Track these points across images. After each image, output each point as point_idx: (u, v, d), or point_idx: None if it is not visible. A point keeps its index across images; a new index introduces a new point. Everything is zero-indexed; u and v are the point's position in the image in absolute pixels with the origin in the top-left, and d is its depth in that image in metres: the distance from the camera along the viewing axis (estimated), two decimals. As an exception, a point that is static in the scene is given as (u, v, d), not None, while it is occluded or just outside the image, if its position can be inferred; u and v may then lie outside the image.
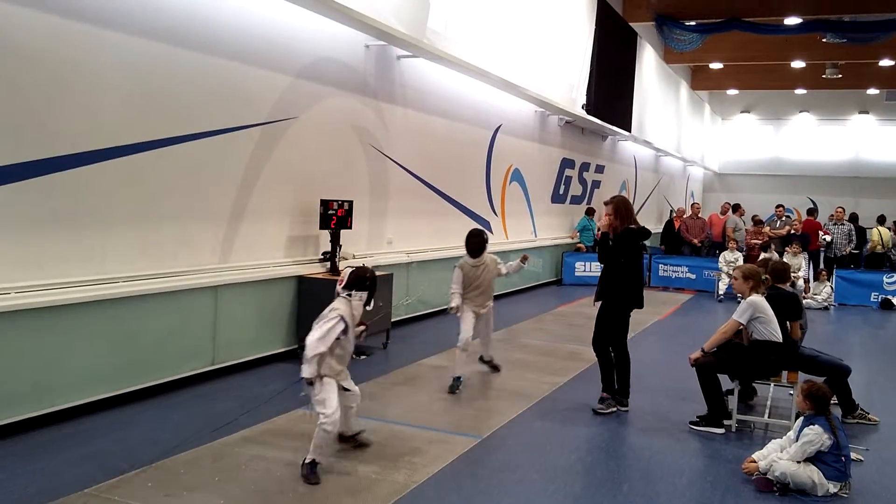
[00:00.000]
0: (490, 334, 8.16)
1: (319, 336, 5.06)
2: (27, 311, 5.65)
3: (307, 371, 5.04)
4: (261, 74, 7.92)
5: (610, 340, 7.10)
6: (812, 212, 19.37)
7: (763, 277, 6.96)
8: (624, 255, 6.92)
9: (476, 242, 7.73)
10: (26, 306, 5.63)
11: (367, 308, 5.42)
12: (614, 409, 6.98)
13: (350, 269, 5.44)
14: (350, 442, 5.65)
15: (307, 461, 5.07)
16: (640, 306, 7.03)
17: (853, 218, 18.67)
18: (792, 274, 14.23)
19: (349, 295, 5.32)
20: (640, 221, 7.12)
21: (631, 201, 7.34)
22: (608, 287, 7.01)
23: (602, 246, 7.13)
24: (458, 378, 7.52)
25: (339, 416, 5.14)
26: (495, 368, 8.26)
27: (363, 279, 5.37)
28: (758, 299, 6.60)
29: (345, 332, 5.18)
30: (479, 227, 7.91)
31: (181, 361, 7.12)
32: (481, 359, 8.23)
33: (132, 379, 6.60)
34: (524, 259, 7.97)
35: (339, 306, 5.25)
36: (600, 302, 7.11)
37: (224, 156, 7.54)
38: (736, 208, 19.07)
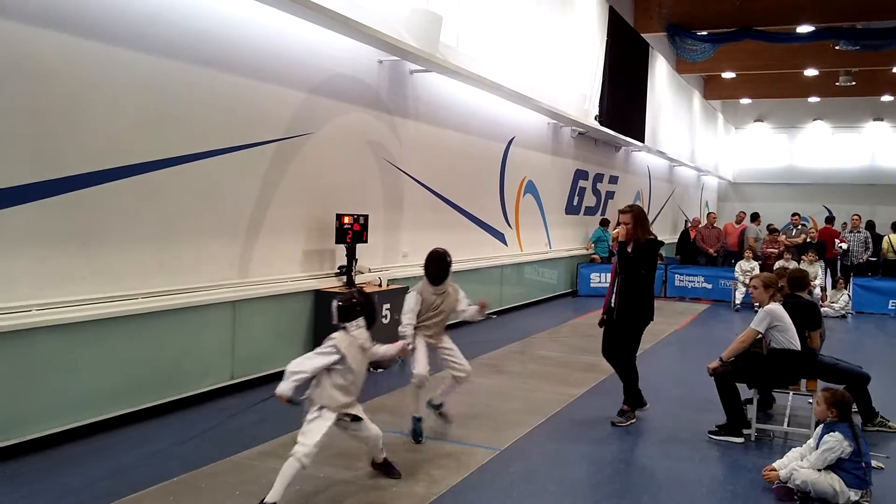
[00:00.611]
0: (465, 363, 6.53)
1: (306, 356, 4.89)
2: (48, 328, 5.72)
3: (280, 387, 4.74)
4: (275, 91, 8.01)
5: (621, 354, 7.01)
6: (830, 220, 19.27)
7: (780, 286, 6.96)
8: (644, 267, 6.84)
9: (439, 269, 6.33)
10: (48, 323, 5.70)
11: (371, 328, 5.10)
12: (633, 420, 6.96)
13: (335, 303, 5.08)
14: (380, 469, 5.42)
15: (268, 502, 4.60)
16: (652, 318, 6.97)
17: (870, 226, 18.56)
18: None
19: (345, 328, 5.05)
20: (654, 231, 7.11)
21: (645, 211, 7.24)
22: (626, 300, 6.84)
23: (622, 257, 6.91)
24: (419, 419, 6.32)
25: (315, 451, 4.76)
26: (443, 416, 6.65)
27: (351, 308, 5.04)
28: (775, 307, 6.59)
29: (341, 362, 4.90)
30: (443, 249, 6.48)
31: (200, 376, 7.18)
32: (430, 403, 6.58)
33: (152, 394, 6.66)
34: (482, 308, 6.50)
35: (336, 335, 5.00)
36: (613, 314, 6.93)
37: (240, 172, 7.62)
38: (754, 217, 19.00)
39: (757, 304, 6.86)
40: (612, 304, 6.95)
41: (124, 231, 6.40)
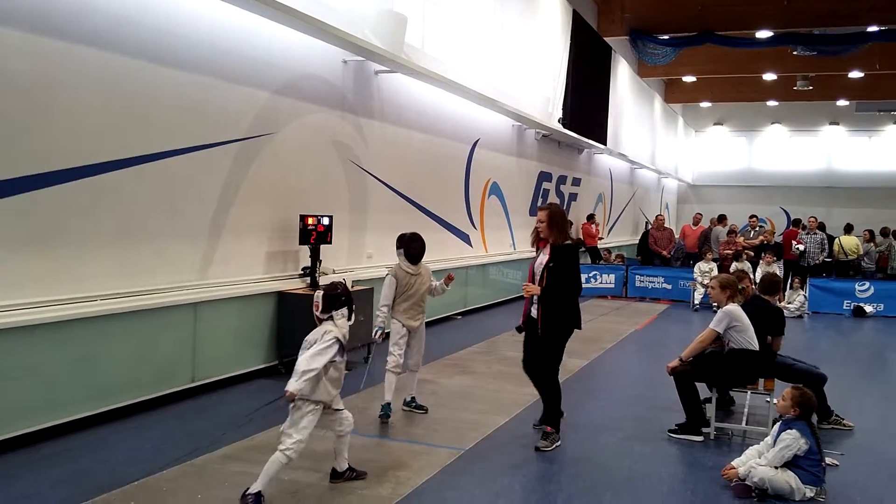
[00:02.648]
0: (421, 352, 7.17)
1: (314, 353, 4.88)
2: (4, 330, 5.60)
3: (293, 386, 4.79)
4: (238, 90, 7.94)
5: (542, 368, 6.41)
6: (795, 223, 19.64)
7: (741, 287, 7.07)
8: (561, 274, 6.16)
9: (419, 246, 6.96)
10: (3, 326, 5.58)
11: (350, 322, 5.19)
12: (559, 443, 6.29)
13: (321, 293, 5.14)
14: (341, 479, 5.31)
15: (252, 491, 4.75)
16: (580, 327, 6.41)
17: (821, 227, 18.99)
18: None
19: (331, 318, 5.10)
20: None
21: (564, 211, 6.60)
22: (547, 308, 6.20)
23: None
24: (388, 404, 6.84)
25: (303, 447, 4.92)
26: (420, 408, 7.18)
27: (336, 297, 5.12)
28: (733, 308, 6.70)
29: (341, 354, 5.00)
30: (417, 232, 7.09)
31: (161, 379, 7.08)
32: (405, 402, 7.20)
33: (111, 398, 6.55)
34: (448, 280, 7.10)
35: (331, 328, 5.03)
36: (536, 325, 6.27)
37: (202, 172, 7.53)
38: (721, 219, 19.30)
39: (715, 304, 6.97)
40: (534, 314, 6.33)
41: (83, 232, 6.30)
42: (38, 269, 5.94)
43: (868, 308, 15.58)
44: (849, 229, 18.81)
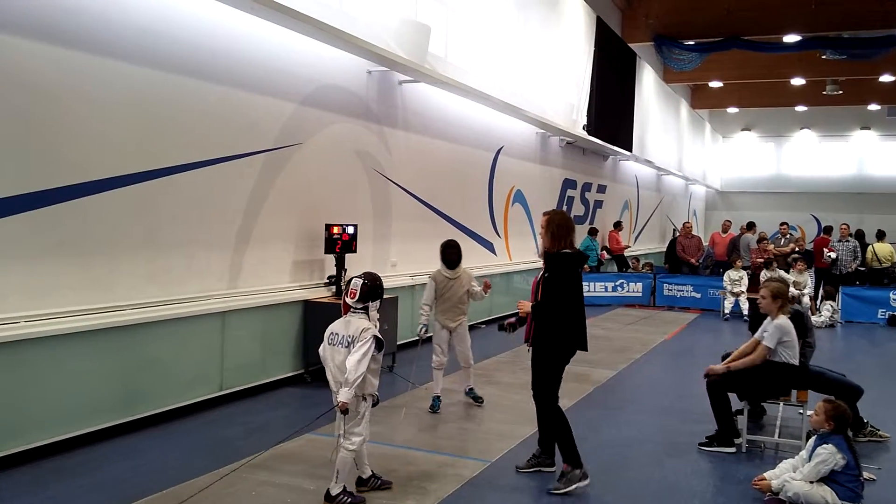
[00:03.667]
0: (468, 351, 7.68)
1: (359, 358, 4.88)
2: (37, 339, 5.66)
3: (345, 395, 4.83)
4: (265, 102, 7.99)
5: (538, 393, 5.79)
6: (828, 230, 19.33)
7: (790, 297, 6.91)
8: (553, 285, 5.56)
9: (454, 253, 7.54)
10: (36, 335, 5.65)
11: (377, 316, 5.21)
12: (583, 483, 5.52)
13: (359, 281, 5.12)
14: (366, 487, 5.31)
15: (337, 492, 4.98)
16: (585, 348, 5.71)
17: (859, 234, 18.65)
18: (797, 291, 14.30)
19: (365, 308, 5.12)
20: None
21: (568, 218, 5.87)
22: (539, 324, 5.65)
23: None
24: (437, 397, 7.52)
25: (365, 440, 5.13)
26: (478, 399, 7.76)
27: (377, 288, 5.16)
28: (785, 323, 6.52)
29: (377, 348, 5.01)
30: (454, 239, 7.78)
31: (189, 388, 7.13)
32: (465, 392, 7.88)
33: (141, 406, 6.61)
34: (486, 287, 7.55)
35: (367, 325, 5.03)
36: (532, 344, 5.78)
37: (230, 183, 7.58)
38: (750, 226, 19.07)
39: (766, 313, 6.75)
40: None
41: (114, 242, 6.36)
42: (69, 278, 6.01)
43: (904, 317, 15.27)
44: (881, 236, 18.47)
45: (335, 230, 8.67)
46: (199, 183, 7.18)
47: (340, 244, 8.74)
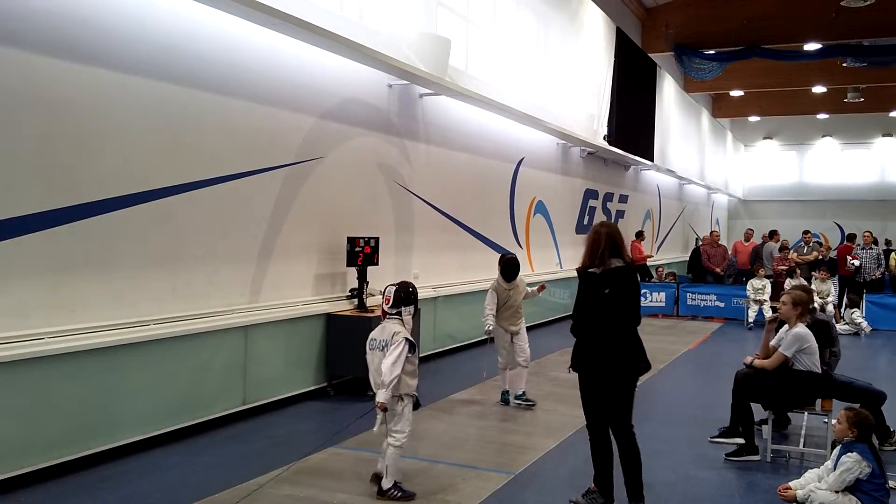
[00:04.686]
0: (526, 351, 8.31)
1: (393, 361, 5.21)
2: (61, 355, 5.72)
3: (383, 396, 5.18)
4: (286, 116, 8.06)
5: (613, 419, 5.32)
6: (851, 237, 19.14)
7: (811, 307, 6.88)
8: (587, 302, 5.24)
9: (511, 269, 8.23)
10: (60, 351, 5.70)
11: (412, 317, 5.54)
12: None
13: (393, 288, 5.51)
14: (384, 497, 5.41)
15: (390, 486, 5.33)
16: (586, 370, 5.39)
17: (888, 243, 18.48)
18: (821, 299, 14.16)
19: (399, 313, 5.45)
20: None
21: (607, 233, 5.44)
22: (619, 346, 5.26)
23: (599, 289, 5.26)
24: (506, 391, 8.36)
25: (408, 437, 5.45)
26: (529, 402, 8.24)
27: (410, 294, 5.52)
28: (804, 331, 6.50)
29: (411, 350, 5.33)
30: (513, 253, 8.64)
31: (212, 402, 7.17)
32: (516, 396, 8.32)
33: (165, 420, 6.65)
34: (541, 289, 8.49)
35: (399, 329, 5.38)
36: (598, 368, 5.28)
37: (252, 197, 7.65)
38: (772, 235, 18.93)
39: (784, 319, 6.74)
40: (592, 353, 5.30)
41: (137, 257, 6.43)
42: (93, 294, 6.07)
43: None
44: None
45: (357, 243, 8.71)
46: (221, 198, 7.25)
47: (362, 257, 8.78)
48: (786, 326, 6.67)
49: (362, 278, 8.87)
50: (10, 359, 5.38)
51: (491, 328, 8.11)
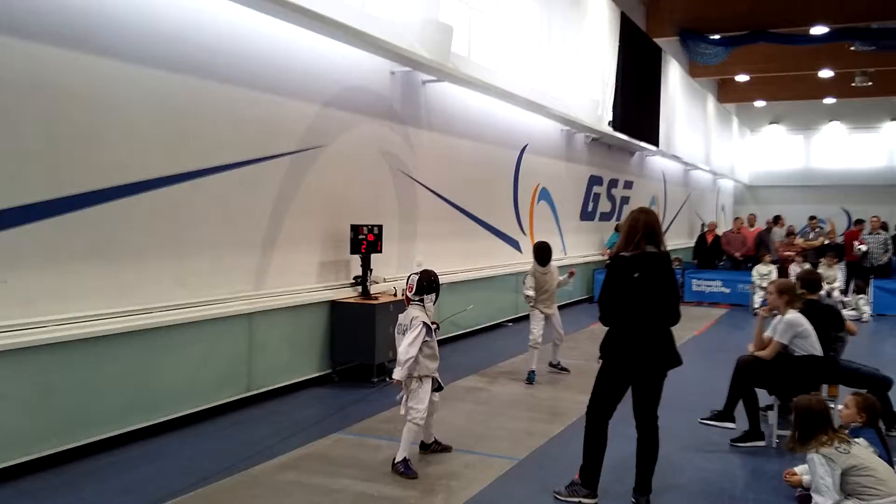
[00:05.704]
0: (560, 332, 9.17)
1: (409, 342, 5.60)
2: (65, 343, 5.74)
3: (399, 374, 5.58)
4: (289, 104, 8.04)
5: (641, 411, 5.25)
6: (858, 223, 19.05)
7: (799, 292, 6.89)
8: (618, 289, 5.12)
9: (545, 253, 8.90)
10: (65, 339, 5.73)
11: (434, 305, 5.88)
12: (580, 499, 5.23)
13: (416, 276, 5.87)
14: (430, 450, 6.07)
15: (399, 460, 5.60)
16: (613, 359, 5.37)
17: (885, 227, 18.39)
18: (827, 285, 14.10)
19: (421, 300, 5.80)
20: (664, 238, 5.27)
21: (654, 216, 5.26)
22: (653, 338, 5.20)
23: (633, 276, 5.10)
24: (533, 371, 8.80)
25: (425, 414, 5.71)
26: (564, 370, 9.25)
27: (432, 282, 5.86)
28: (794, 317, 6.53)
29: (429, 334, 5.69)
30: (545, 241, 9.20)
31: (217, 389, 7.19)
32: (550, 364, 9.25)
33: (169, 407, 6.67)
34: (570, 275, 9.20)
35: (417, 313, 5.74)
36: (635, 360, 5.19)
37: (256, 185, 7.64)
38: (777, 220, 18.85)
39: (774, 310, 6.79)
40: (625, 344, 5.19)
41: (141, 246, 6.44)
42: (97, 282, 6.09)
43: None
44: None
45: (361, 230, 8.71)
46: (225, 186, 7.24)
47: (366, 244, 8.77)
48: (779, 315, 6.68)
49: (366, 266, 8.86)
50: (16, 346, 5.40)
51: (531, 296, 8.83)
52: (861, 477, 4.68)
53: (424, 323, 5.69)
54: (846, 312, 13.30)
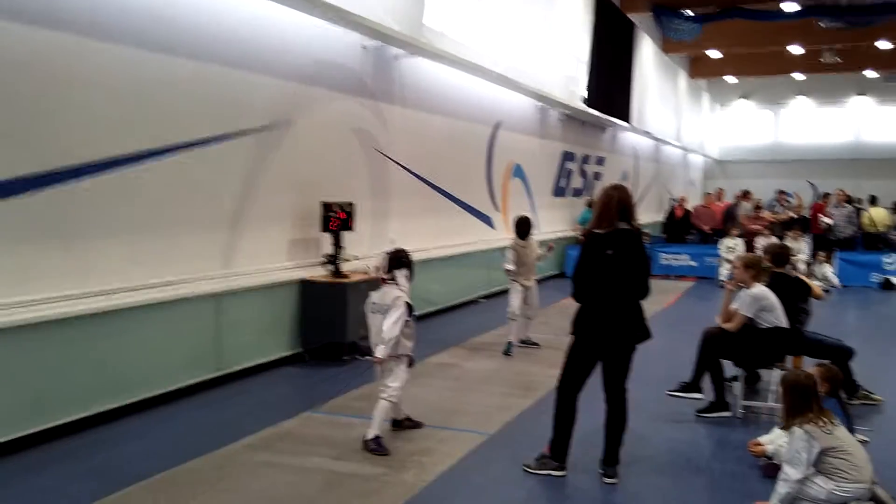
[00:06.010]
0: (535, 304, 9.41)
1: (393, 321, 5.61)
2: (22, 326, 5.59)
3: (381, 352, 5.60)
4: (257, 80, 7.93)
5: (611, 384, 5.39)
6: (826, 196, 19.35)
7: (767, 265, 7.00)
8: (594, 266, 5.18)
9: (525, 226, 9.19)
10: (21, 322, 5.58)
11: (411, 283, 5.89)
12: (549, 472, 5.34)
13: (383, 256, 5.90)
14: (401, 426, 6.13)
15: (370, 437, 5.62)
16: (583, 335, 5.45)
17: (872, 200, 18.76)
18: (793, 257, 14.29)
19: (394, 278, 5.78)
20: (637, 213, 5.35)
21: (627, 192, 5.37)
22: (623, 313, 5.31)
23: (605, 253, 5.18)
24: (510, 343, 9.07)
25: (401, 392, 5.83)
26: (534, 344, 9.40)
27: (401, 258, 5.88)
28: (759, 290, 6.64)
29: (409, 314, 5.72)
30: (526, 215, 9.47)
31: (185, 370, 7.10)
32: (520, 339, 9.31)
33: (134, 390, 6.55)
34: (549, 249, 9.53)
35: (399, 293, 5.73)
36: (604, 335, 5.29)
37: (222, 163, 7.55)
38: (745, 194, 19.06)
39: (741, 283, 6.89)
40: (596, 319, 5.28)
41: (103, 226, 6.30)
42: (57, 264, 5.95)
43: (896, 280, 15.35)
44: (872, 201, 18.53)
45: (332, 208, 8.66)
46: (190, 164, 7.12)
47: (337, 222, 8.73)
48: (745, 289, 6.78)
49: (337, 243, 8.82)
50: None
51: (511, 269, 9.06)
52: (837, 459, 4.72)
53: (407, 302, 5.73)
54: (816, 283, 13.55)
